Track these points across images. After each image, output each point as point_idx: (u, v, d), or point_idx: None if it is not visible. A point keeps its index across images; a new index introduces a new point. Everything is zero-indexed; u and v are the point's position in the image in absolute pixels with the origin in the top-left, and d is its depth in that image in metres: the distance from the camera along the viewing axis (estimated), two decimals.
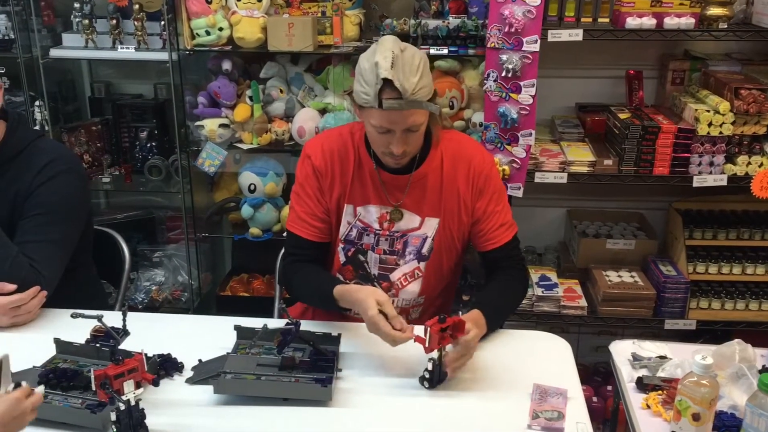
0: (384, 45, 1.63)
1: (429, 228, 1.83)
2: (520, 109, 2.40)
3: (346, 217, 1.85)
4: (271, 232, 2.93)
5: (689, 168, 2.48)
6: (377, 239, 1.85)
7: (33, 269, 1.81)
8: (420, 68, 1.63)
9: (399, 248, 1.85)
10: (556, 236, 3.09)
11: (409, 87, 1.60)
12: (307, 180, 1.84)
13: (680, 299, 2.59)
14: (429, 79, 1.66)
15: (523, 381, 1.58)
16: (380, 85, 1.60)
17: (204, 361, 1.64)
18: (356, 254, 1.87)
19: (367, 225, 1.85)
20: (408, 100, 1.61)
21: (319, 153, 1.83)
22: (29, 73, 2.81)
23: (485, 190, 1.82)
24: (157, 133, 3.03)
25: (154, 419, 1.41)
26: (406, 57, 1.62)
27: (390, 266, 1.87)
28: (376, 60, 1.60)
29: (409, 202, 1.82)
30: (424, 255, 1.86)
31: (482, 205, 1.82)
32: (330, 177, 1.83)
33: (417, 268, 1.87)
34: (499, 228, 1.84)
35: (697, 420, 1.30)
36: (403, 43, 1.66)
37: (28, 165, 1.88)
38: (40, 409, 1.42)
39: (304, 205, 1.85)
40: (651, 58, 2.82)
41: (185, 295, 3.06)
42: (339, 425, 1.46)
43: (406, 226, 1.84)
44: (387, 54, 1.60)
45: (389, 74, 1.58)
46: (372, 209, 1.83)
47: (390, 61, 1.59)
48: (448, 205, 1.82)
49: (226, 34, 2.65)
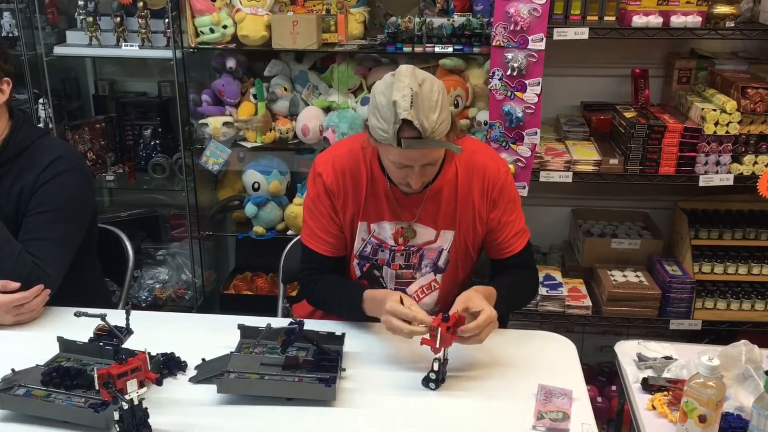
0: (402, 81, 1.55)
1: (445, 241, 1.82)
2: (526, 107, 2.39)
3: (360, 234, 1.83)
4: (274, 231, 2.92)
5: (695, 167, 2.47)
6: (392, 255, 1.84)
7: (37, 267, 1.82)
8: (439, 102, 1.57)
9: (415, 262, 1.85)
10: (561, 235, 3.08)
11: (429, 126, 1.55)
12: (319, 198, 1.82)
13: (686, 299, 2.58)
14: (447, 111, 1.61)
15: (528, 381, 1.57)
16: (399, 124, 1.55)
17: (207, 360, 1.63)
18: (371, 269, 1.87)
19: (381, 241, 1.83)
20: (428, 140, 1.57)
21: (331, 172, 1.80)
22: (33, 71, 2.81)
23: (500, 201, 1.80)
24: (161, 131, 3.02)
25: (158, 418, 1.40)
26: (425, 93, 1.56)
27: (406, 280, 1.87)
28: (394, 99, 1.54)
29: (424, 216, 1.80)
30: (440, 267, 1.85)
31: (497, 216, 1.81)
32: (343, 197, 1.80)
33: (434, 281, 1.87)
34: (513, 237, 1.83)
35: (703, 421, 1.29)
36: (421, 75, 1.59)
37: (33, 163, 1.88)
38: (43, 408, 1.43)
39: (318, 221, 1.83)
40: (657, 57, 2.81)
41: (189, 294, 3.06)
42: (343, 425, 1.46)
43: (422, 240, 1.83)
44: (406, 92, 1.53)
45: (408, 114, 1.53)
46: (386, 225, 1.81)
47: (409, 100, 1.53)
48: (463, 218, 1.80)
49: (230, 32, 2.64)
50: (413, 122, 1.53)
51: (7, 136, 1.88)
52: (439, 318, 1.53)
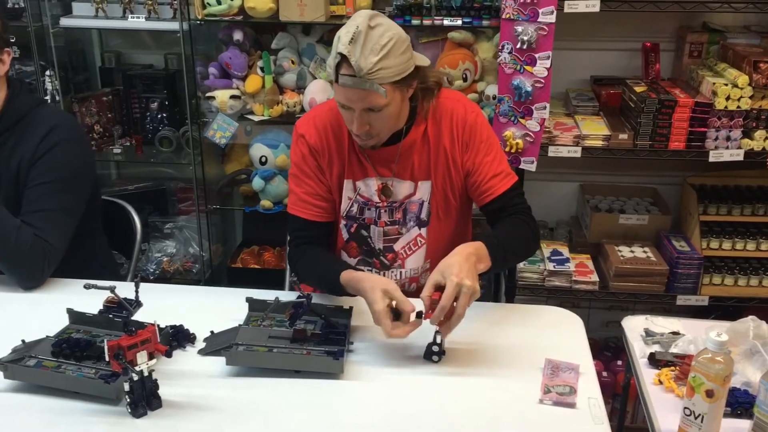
0: (354, 19, 1.56)
1: (423, 192, 1.81)
2: (535, 81, 2.36)
3: (346, 193, 1.82)
4: (282, 205, 2.92)
5: (705, 143, 2.44)
6: (378, 212, 1.83)
7: (39, 239, 1.82)
8: (386, 48, 1.54)
9: (399, 217, 1.84)
10: (568, 211, 3.07)
11: (365, 66, 1.53)
12: (304, 160, 1.80)
13: (693, 275, 2.58)
14: (398, 61, 1.57)
15: (535, 356, 1.57)
16: (338, 59, 1.55)
17: (216, 332, 1.64)
18: (359, 230, 1.86)
19: (367, 199, 1.82)
20: (361, 79, 1.54)
21: (313, 131, 1.79)
22: (39, 43, 2.79)
23: (471, 142, 1.77)
24: (168, 104, 3.01)
25: (167, 390, 1.42)
26: (372, 35, 1.53)
27: (393, 237, 1.86)
28: (339, 33, 1.55)
29: (400, 170, 1.79)
30: (423, 220, 1.84)
31: (470, 158, 1.78)
32: (328, 154, 1.79)
33: (419, 235, 1.85)
34: (492, 179, 1.78)
35: (710, 396, 1.29)
36: (380, 20, 1.57)
37: (30, 133, 1.88)
38: (53, 378, 1.44)
39: (304, 185, 1.82)
40: (668, 31, 2.77)
41: (196, 267, 3.07)
42: (351, 398, 1.47)
43: (402, 195, 1.82)
44: (351, 28, 1.53)
45: (346, 50, 1.53)
46: (370, 182, 1.81)
47: (351, 35, 1.52)
48: (437, 166, 1.79)
49: (237, 4, 2.61)
50: (350, 59, 1.53)
51: (3, 106, 1.88)
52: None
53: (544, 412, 1.42)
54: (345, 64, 1.55)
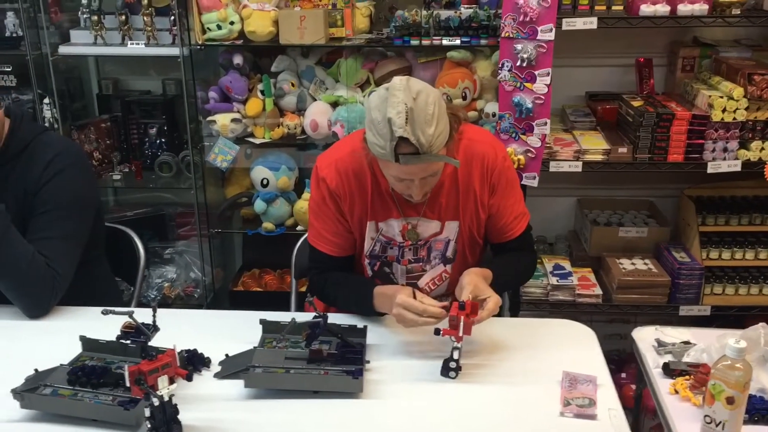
0: (396, 97, 1.52)
1: (450, 231, 1.83)
2: (535, 98, 2.40)
3: (369, 234, 1.83)
4: (284, 227, 2.92)
5: (703, 154, 2.48)
6: (401, 251, 1.84)
7: (48, 267, 1.81)
8: (435, 115, 1.54)
9: (424, 255, 1.85)
10: (566, 225, 3.10)
11: (426, 141, 1.52)
12: (324, 202, 1.81)
13: (695, 285, 2.60)
14: (444, 121, 1.58)
15: (551, 369, 1.58)
16: (395, 141, 1.53)
17: (231, 355, 1.64)
18: (382, 267, 1.88)
19: (389, 239, 1.83)
20: (425, 154, 1.55)
21: (335, 174, 1.77)
22: (38, 71, 2.79)
23: (498, 185, 1.80)
24: (167, 130, 3.01)
25: (186, 414, 1.41)
26: (420, 107, 1.53)
27: (417, 274, 1.87)
28: (389, 116, 1.51)
29: (427, 211, 1.80)
30: (449, 258, 1.86)
31: (496, 201, 1.81)
32: (349, 199, 1.79)
33: (444, 271, 1.88)
34: (513, 221, 1.85)
35: (731, 403, 1.31)
36: (415, 87, 1.55)
37: (34, 160, 1.88)
38: (72, 407, 1.43)
39: (324, 223, 1.83)
40: (660, 46, 2.82)
41: (198, 291, 3.06)
42: (370, 417, 1.47)
43: (428, 233, 1.83)
44: (400, 108, 1.51)
45: (404, 132, 1.51)
46: (393, 223, 1.81)
47: (404, 116, 1.50)
48: (466, 207, 1.81)
49: (237, 28, 2.64)
50: (410, 139, 1.52)
51: (7, 135, 1.88)
52: (456, 307, 1.55)
53: (566, 425, 1.43)
54: (403, 143, 1.53)
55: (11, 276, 1.79)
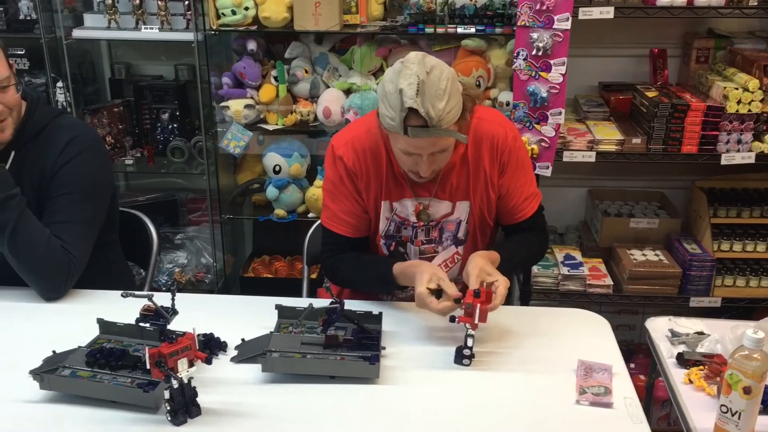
0: (409, 68, 1.55)
1: (461, 212, 1.83)
2: (550, 87, 2.39)
3: (384, 214, 1.84)
4: (295, 214, 2.93)
5: (717, 146, 2.48)
6: (415, 231, 1.85)
7: (64, 251, 1.82)
8: (447, 91, 1.55)
9: (435, 236, 1.86)
10: (577, 216, 3.10)
11: (436, 114, 1.54)
12: (341, 181, 1.81)
13: (705, 277, 2.60)
14: (457, 99, 1.60)
15: (566, 358, 1.59)
16: (405, 113, 1.54)
17: (247, 340, 1.65)
18: (397, 247, 1.88)
19: (403, 219, 1.84)
20: (434, 128, 1.56)
21: (351, 153, 1.79)
22: (52, 54, 2.79)
23: (508, 165, 1.80)
24: (179, 115, 3.01)
25: (204, 397, 1.42)
26: (432, 80, 1.54)
27: (430, 255, 1.88)
28: (400, 87, 1.53)
29: (439, 191, 1.81)
30: (460, 239, 1.86)
31: (506, 181, 1.81)
32: (366, 177, 1.80)
33: (456, 253, 1.88)
34: (524, 201, 1.84)
35: (748, 393, 1.31)
36: (430, 62, 1.57)
37: (51, 143, 1.88)
38: (91, 388, 1.44)
39: (340, 203, 1.83)
40: (674, 37, 2.81)
41: (209, 277, 3.07)
42: (387, 402, 1.48)
43: (440, 214, 1.84)
44: (412, 80, 1.53)
45: (414, 103, 1.52)
46: (407, 203, 1.82)
47: (415, 88, 1.52)
48: (476, 187, 1.81)
49: (251, 14, 2.63)
50: (419, 110, 1.53)
51: (23, 119, 1.88)
52: (471, 294, 1.55)
53: (582, 413, 1.43)
54: (413, 115, 1.54)
55: (27, 259, 1.81)
